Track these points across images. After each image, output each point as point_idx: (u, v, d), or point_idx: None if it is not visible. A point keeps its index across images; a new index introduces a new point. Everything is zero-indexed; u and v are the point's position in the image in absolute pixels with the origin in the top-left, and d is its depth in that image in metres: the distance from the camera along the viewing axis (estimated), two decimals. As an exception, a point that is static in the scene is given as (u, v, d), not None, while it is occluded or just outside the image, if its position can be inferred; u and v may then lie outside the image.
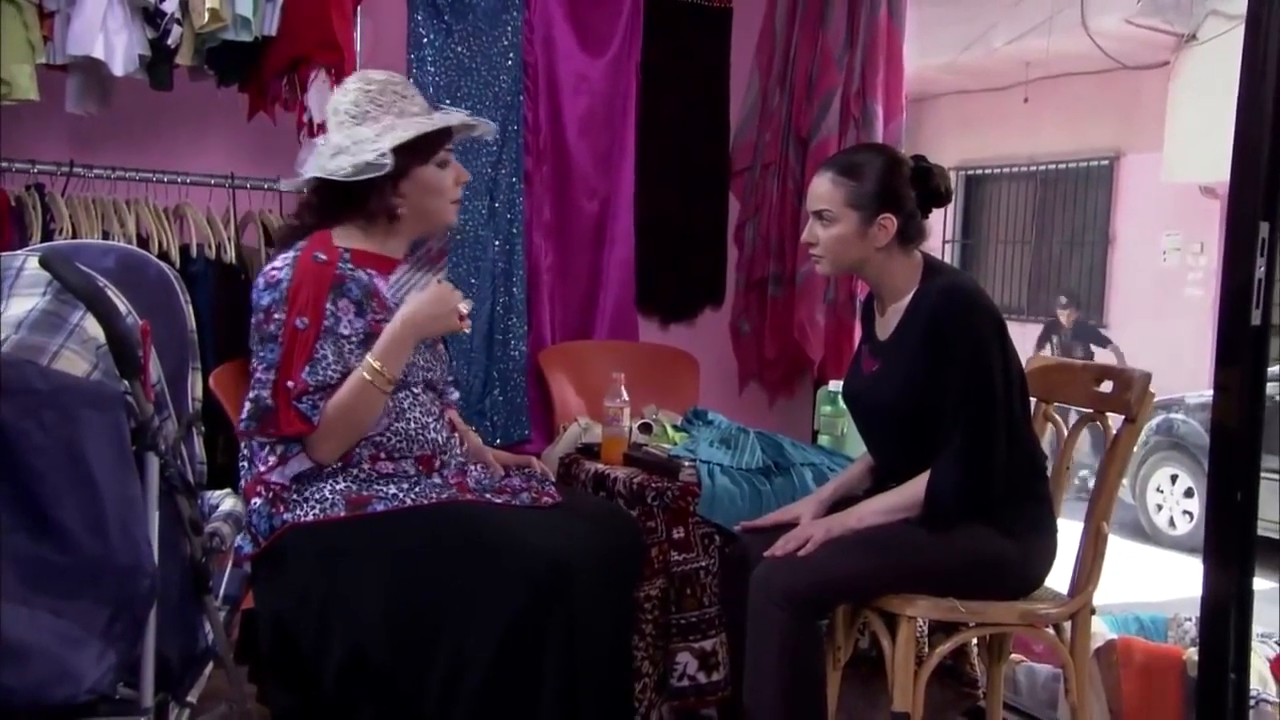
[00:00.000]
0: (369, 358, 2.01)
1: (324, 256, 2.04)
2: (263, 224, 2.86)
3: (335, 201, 2.10)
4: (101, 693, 1.50)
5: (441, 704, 1.91)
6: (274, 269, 2.04)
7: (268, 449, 2.03)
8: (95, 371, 1.63)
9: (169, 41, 2.54)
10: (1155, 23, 8.13)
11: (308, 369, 1.97)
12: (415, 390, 2.10)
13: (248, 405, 2.00)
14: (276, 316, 1.99)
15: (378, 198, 2.08)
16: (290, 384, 1.97)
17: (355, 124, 2.09)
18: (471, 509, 2.04)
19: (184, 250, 2.74)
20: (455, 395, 2.29)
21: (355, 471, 2.03)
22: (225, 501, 2.01)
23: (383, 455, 2.05)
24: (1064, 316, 9.09)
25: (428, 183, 2.12)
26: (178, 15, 2.52)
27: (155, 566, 1.56)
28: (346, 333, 2.02)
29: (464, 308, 2.11)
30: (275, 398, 1.97)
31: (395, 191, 2.09)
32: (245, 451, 2.09)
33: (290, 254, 2.05)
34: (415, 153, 2.08)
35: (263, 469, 2.03)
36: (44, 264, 1.67)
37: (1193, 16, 8.12)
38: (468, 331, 2.19)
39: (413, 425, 2.08)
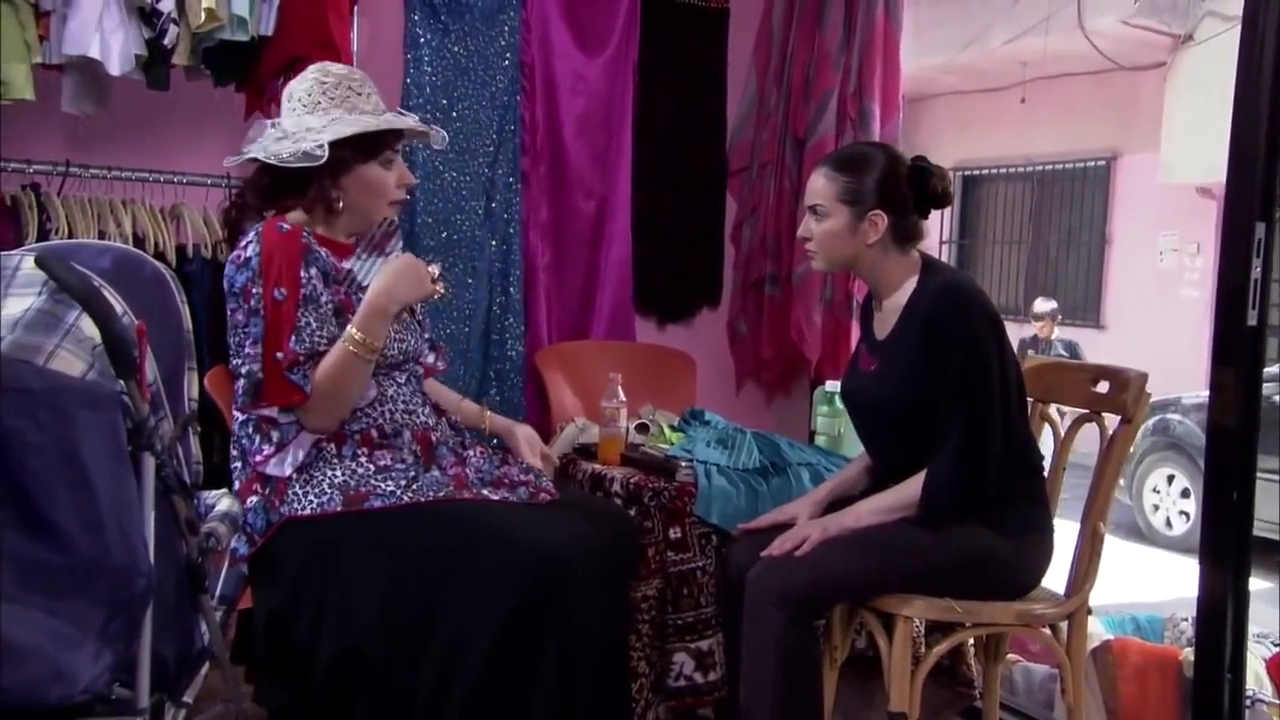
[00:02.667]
0: (350, 328, 2.02)
1: (286, 226, 2.06)
2: (259, 224, 2.85)
3: (277, 186, 2.12)
4: (97, 693, 1.49)
5: (436, 701, 1.91)
6: (239, 250, 2.06)
7: (260, 438, 2.04)
8: (91, 371, 1.63)
9: (165, 41, 2.54)
10: (1152, 23, 8.14)
11: (293, 338, 1.99)
12: (395, 375, 2.12)
13: (241, 382, 2.01)
14: (255, 291, 2.00)
15: (317, 187, 2.10)
16: (279, 355, 1.98)
17: (306, 112, 2.11)
18: (467, 507, 2.04)
19: (180, 250, 2.74)
20: (436, 363, 2.30)
21: (352, 465, 2.03)
22: (221, 501, 2.00)
23: (376, 437, 2.07)
24: (1042, 328, 7.61)
25: (369, 181, 2.13)
26: (174, 15, 2.52)
27: (151, 566, 1.56)
28: (324, 300, 2.05)
29: (434, 270, 2.14)
30: (264, 370, 1.99)
31: (334, 184, 2.11)
32: (235, 450, 2.10)
33: (251, 234, 2.07)
34: (358, 149, 2.10)
35: (258, 459, 2.03)
36: (40, 263, 1.66)
37: (1189, 17, 8.14)
38: (442, 293, 2.19)
39: (400, 407, 2.11)
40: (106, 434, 1.55)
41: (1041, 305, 7.94)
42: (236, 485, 2.08)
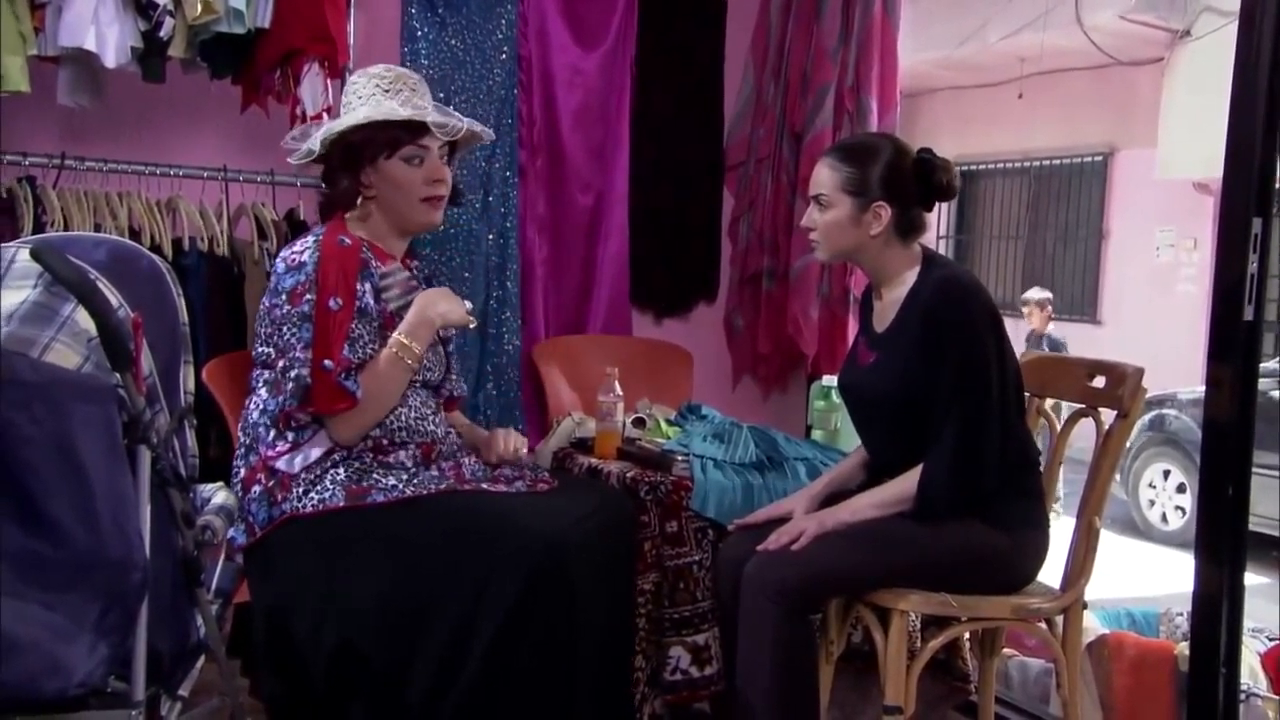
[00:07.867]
0: (397, 335, 2.08)
1: (348, 241, 2.10)
2: (255, 217, 2.85)
3: (327, 188, 2.21)
4: (93, 686, 1.49)
5: (434, 694, 1.91)
6: (295, 253, 2.09)
7: (275, 433, 2.04)
8: (86, 364, 1.62)
9: (161, 33, 2.53)
10: (1149, 18, 8.14)
11: (348, 347, 2.02)
12: (415, 385, 2.15)
13: (289, 385, 2.02)
14: (308, 297, 2.02)
15: (339, 184, 2.16)
16: (328, 362, 2.00)
17: (360, 104, 2.17)
18: (467, 498, 2.05)
19: (176, 243, 2.73)
20: (462, 388, 2.38)
21: (356, 464, 2.04)
22: (217, 495, 1.99)
23: (385, 442, 2.07)
24: (1036, 317, 7.41)
25: (391, 177, 2.16)
26: (170, 7, 2.51)
27: (147, 560, 1.55)
28: (374, 314, 2.09)
29: (467, 304, 2.20)
30: (311, 375, 2.00)
31: (358, 180, 2.15)
32: (244, 439, 2.09)
33: (310, 239, 2.11)
34: (376, 144, 2.13)
35: (270, 453, 2.04)
36: (35, 256, 1.65)
37: (1187, 12, 8.14)
38: (474, 324, 2.24)
39: (412, 414, 2.13)
40: (102, 427, 1.55)
41: (1032, 293, 7.68)
42: (240, 472, 2.07)
